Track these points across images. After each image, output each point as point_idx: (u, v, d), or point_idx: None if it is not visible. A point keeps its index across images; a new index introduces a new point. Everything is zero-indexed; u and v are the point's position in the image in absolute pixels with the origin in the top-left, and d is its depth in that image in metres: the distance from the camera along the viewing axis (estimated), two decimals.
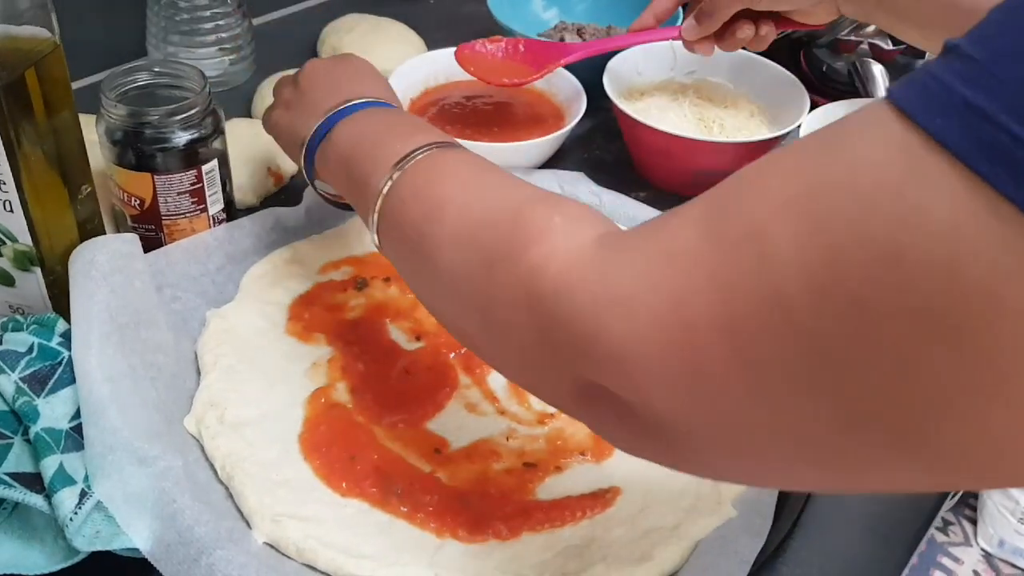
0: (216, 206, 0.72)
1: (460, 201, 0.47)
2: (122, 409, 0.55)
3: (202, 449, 0.59)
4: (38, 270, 0.62)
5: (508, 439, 0.61)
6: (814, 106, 0.84)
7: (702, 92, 0.92)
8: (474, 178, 0.49)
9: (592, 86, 0.87)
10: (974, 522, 1.60)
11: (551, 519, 0.57)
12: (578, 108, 0.86)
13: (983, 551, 1.58)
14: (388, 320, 0.69)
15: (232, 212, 0.74)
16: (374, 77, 0.66)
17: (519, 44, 0.85)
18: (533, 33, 0.99)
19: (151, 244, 0.69)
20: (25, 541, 0.52)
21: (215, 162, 0.70)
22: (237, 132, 0.80)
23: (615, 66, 0.88)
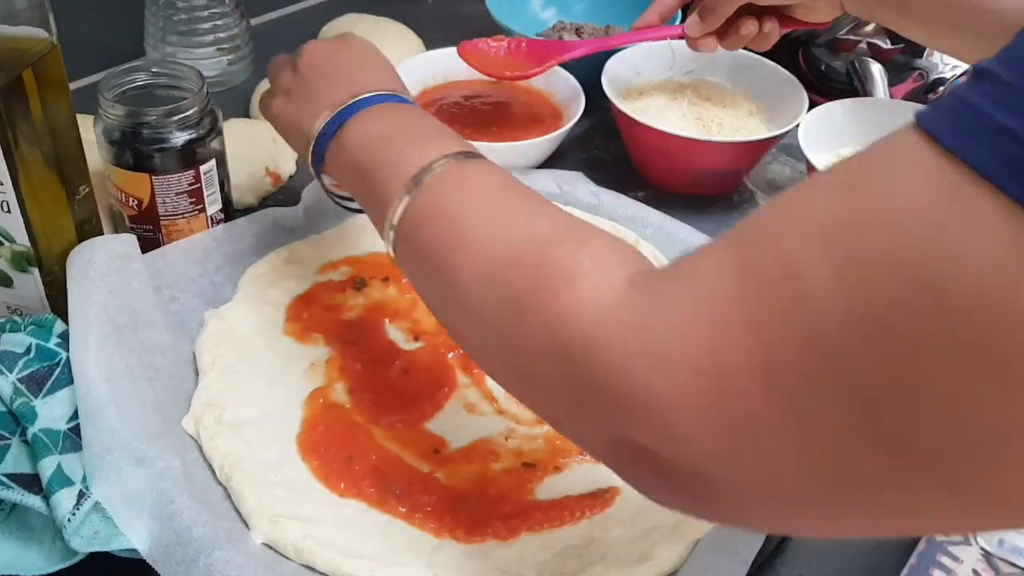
0: (214, 206, 0.71)
1: (483, 231, 0.45)
2: (120, 410, 0.55)
3: (200, 450, 0.59)
4: (36, 271, 0.62)
5: (507, 439, 0.61)
6: (813, 105, 0.83)
7: (700, 91, 0.91)
8: (496, 202, 0.47)
9: (591, 86, 0.87)
10: None
11: (550, 519, 0.56)
12: (576, 108, 0.86)
13: (983, 550, 1.58)
14: (387, 320, 0.69)
15: (230, 212, 0.74)
16: (378, 62, 0.62)
17: (521, 43, 0.85)
18: (531, 33, 0.99)
19: (149, 244, 0.69)
20: (23, 542, 0.52)
21: (213, 162, 0.70)
22: (235, 132, 0.80)
23: (614, 66, 0.88)
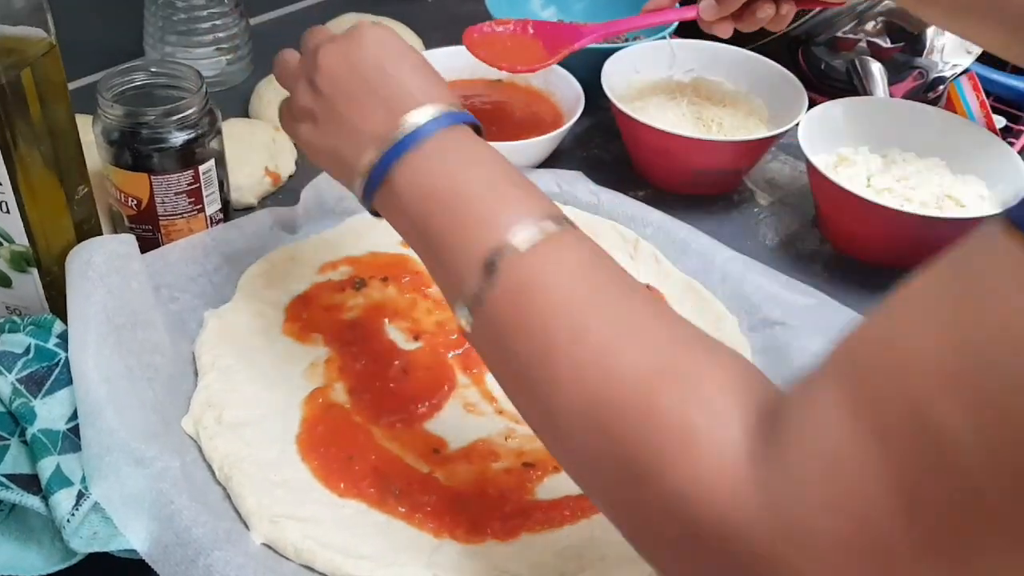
0: (213, 206, 0.71)
1: (577, 357, 0.40)
2: (119, 410, 0.55)
3: (200, 450, 0.59)
4: (35, 271, 0.62)
5: (507, 439, 0.61)
6: (812, 104, 0.83)
7: (700, 91, 0.91)
8: (587, 305, 0.41)
9: (591, 85, 0.87)
10: None
11: (550, 519, 0.56)
12: (576, 107, 0.86)
13: None
14: (386, 320, 0.69)
15: (229, 212, 0.74)
16: (405, 61, 0.53)
17: (527, 25, 0.83)
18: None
19: (148, 245, 0.69)
20: (22, 543, 0.52)
21: (212, 162, 0.70)
22: (234, 132, 0.80)
23: (613, 65, 0.88)
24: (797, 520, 0.31)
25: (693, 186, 0.85)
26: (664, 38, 0.92)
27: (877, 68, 0.94)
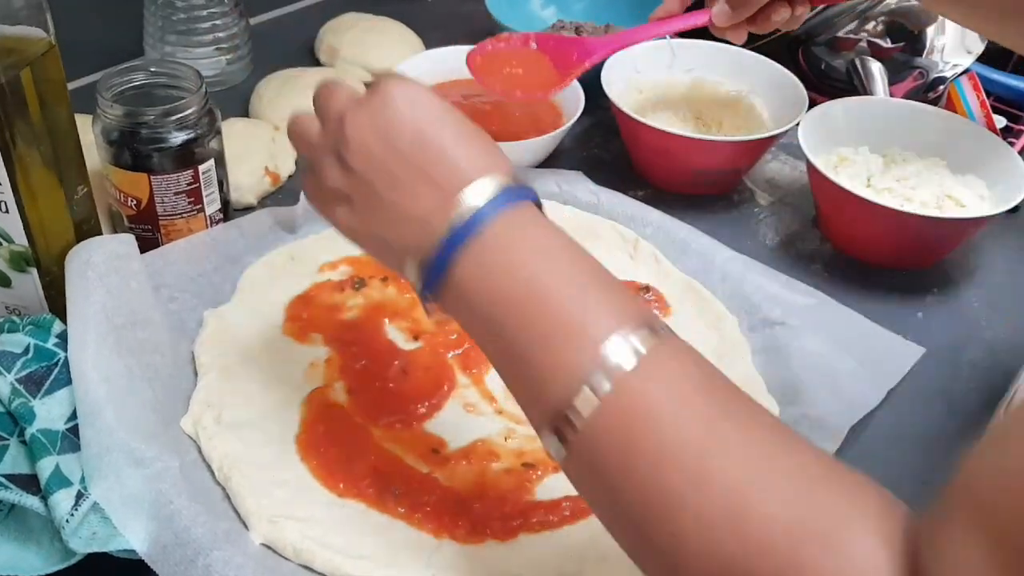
0: (213, 206, 0.71)
1: (701, 507, 0.36)
2: (119, 410, 0.55)
3: (199, 450, 0.59)
4: (34, 271, 0.62)
5: (506, 439, 0.61)
6: (812, 104, 0.83)
7: (700, 90, 0.91)
8: (706, 446, 0.37)
9: (591, 85, 0.87)
10: None
11: (550, 519, 0.56)
12: (576, 107, 0.86)
13: None
14: (386, 320, 0.69)
15: (229, 212, 0.74)
16: (450, 130, 0.45)
17: (529, 40, 0.78)
18: (531, 31, 0.98)
19: (148, 244, 0.69)
20: (21, 543, 0.52)
21: (212, 162, 0.69)
22: (234, 132, 0.80)
23: (613, 64, 0.88)
24: None
25: (693, 186, 0.85)
26: (664, 38, 0.92)
27: (877, 68, 0.94)
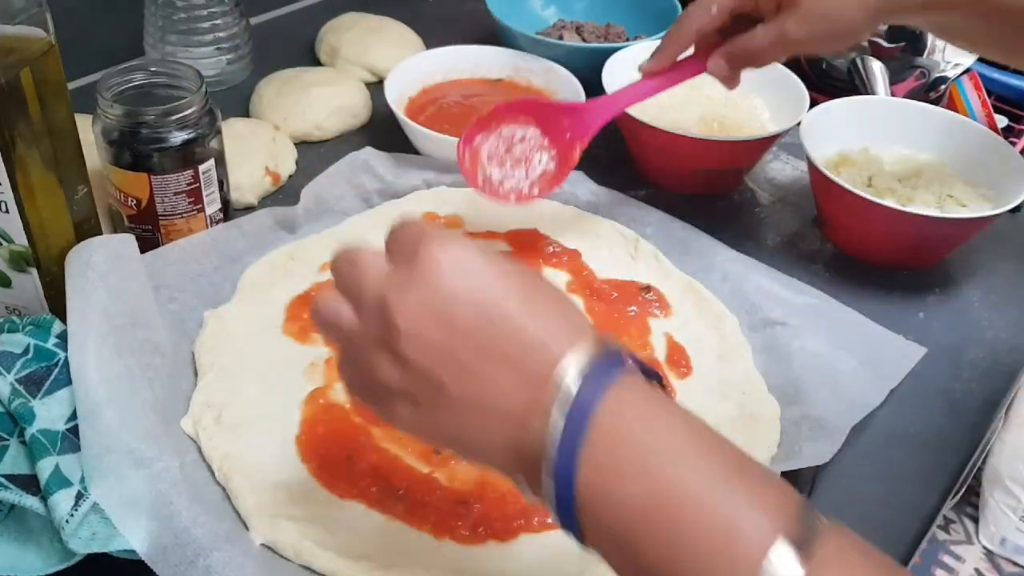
0: (213, 206, 0.71)
1: None
2: (119, 410, 0.55)
3: (199, 450, 0.59)
4: (34, 271, 0.62)
5: None
6: (814, 103, 0.83)
7: (701, 90, 0.91)
8: None
9: (590, 85, 0.87)
10: (976, 520, 1.60)
11: (550, 520, 0.56)
12: None
13: (985, 549, 1.58)
14: None
15: (229, 212, 0.74)
16: (515, 296, 0.39)
17: (517, 115, 0.72)
18: (532, 31, 0.98)
19: (148, 244, 0.69)
20: (21, 543, 0.52)
21: (212, 162, 0.69)
22: (234, 132, 0.80)
23: (614, 64, 0.88)
24: None
25: (694, 185, 0.85)
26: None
27: (878, 67, 0.94)
